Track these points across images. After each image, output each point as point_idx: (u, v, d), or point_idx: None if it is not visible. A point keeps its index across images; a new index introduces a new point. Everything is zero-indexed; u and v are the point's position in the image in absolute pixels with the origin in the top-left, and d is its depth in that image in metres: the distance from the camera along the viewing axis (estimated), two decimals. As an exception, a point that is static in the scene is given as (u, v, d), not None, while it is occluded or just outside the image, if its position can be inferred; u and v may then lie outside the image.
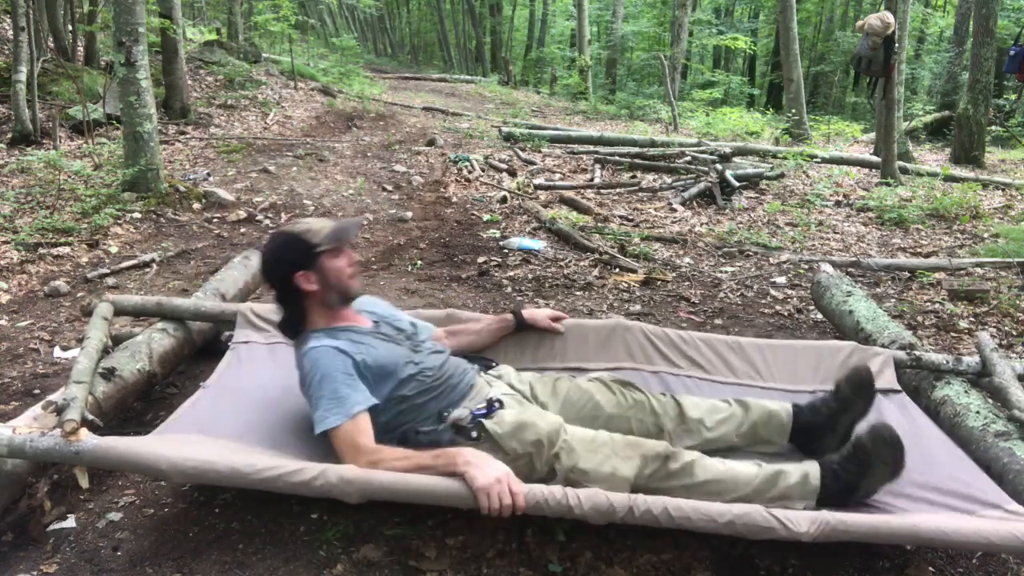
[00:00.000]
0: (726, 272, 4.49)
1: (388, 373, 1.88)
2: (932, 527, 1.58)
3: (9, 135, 6.26)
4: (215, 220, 5.05)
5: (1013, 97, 12.51)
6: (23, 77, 6.08)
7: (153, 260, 4.14)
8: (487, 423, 1.83)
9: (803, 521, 1.56)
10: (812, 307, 3.74)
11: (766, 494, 1.76)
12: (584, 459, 1.77)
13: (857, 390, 1.99)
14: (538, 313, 2.46)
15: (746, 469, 1.80)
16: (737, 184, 6.84)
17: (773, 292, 4.11)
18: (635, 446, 1.80)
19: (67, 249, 4.19)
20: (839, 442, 1.97)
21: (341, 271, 1.93)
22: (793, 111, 11.91)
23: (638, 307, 3.72)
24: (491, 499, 1.58)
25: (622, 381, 2.10)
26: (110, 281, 3.80)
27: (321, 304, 1.95)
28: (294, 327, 1.99)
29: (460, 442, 1.81)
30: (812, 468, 1.81)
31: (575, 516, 1.60)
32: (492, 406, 1.90)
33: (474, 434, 1.82)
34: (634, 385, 2.10)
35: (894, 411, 2.18)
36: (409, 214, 5.54)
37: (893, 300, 4.01)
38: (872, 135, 10.38)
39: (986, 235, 5.63)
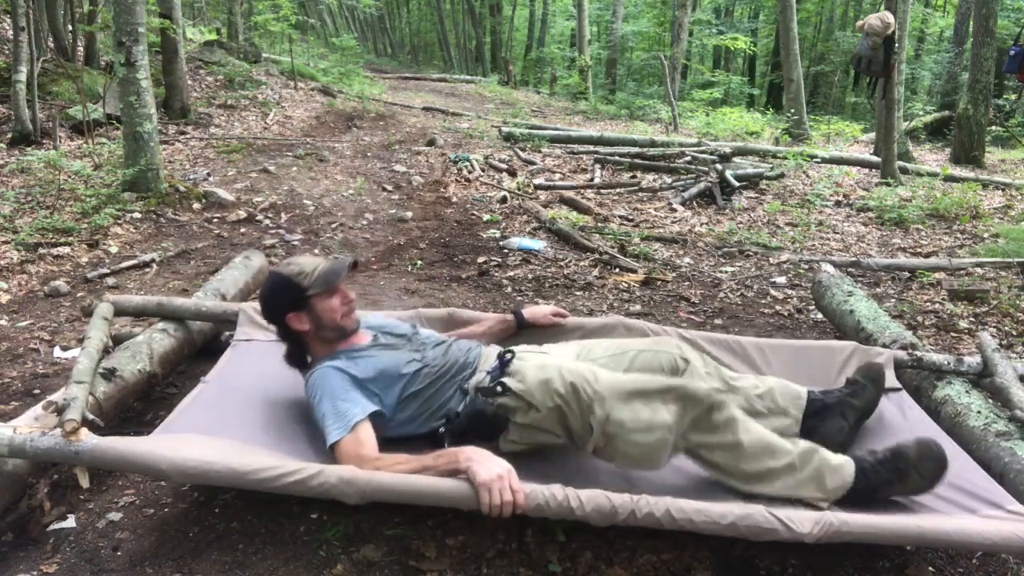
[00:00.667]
0: (726, 272, 4.49)
1: (393, 376, 1.94)
2: (935, 528, 1.58)
3: (9, 135, 6.25)
4: (215, 220, 5.05)
5: (1013, 97, 12.51)
6: (23, 77, 6.08)
7: (153, 260, 4.14)
8: (509, 382, 1.85)
9: (806, 522, 1.56)
10: (812, 307, 3.74)
11: (802, 471, 1.74)
12: (618, 408, 1.72)
13: (868, 375, 2.11)
14: (539, 311, 2.47)
15: (784, 441, 1.78)
16: (737, 184, 6.84)
17: (773, 292, 4.11)
18: (674, 389, 1.73)
19: (67, 249, 4.19)
20: (846, 433, 2.00)
21: (334, 311, 1.99)
22: (793, 111, 11.91)
23: (638, 307, 3.72)
24: (492, 495, 1.57)
25: None
26: (110, 281, 3.80)
27: (317, 339, 2.02)
28: (298, 360, 2.08)
29: (491, 404, 1.84)
30: (847, 460, 1.78)
31: (576, 518, 1.59)
32: (504, 357, 1.95)
33: (499, 388, 1.84)
34: None
35: (894, 409, 2.18)
36: (409, 214, 5.54)
37: (893, 300, 4.01)
38: (872, 135, 10.38)
39: (986, 235, 5.62)
